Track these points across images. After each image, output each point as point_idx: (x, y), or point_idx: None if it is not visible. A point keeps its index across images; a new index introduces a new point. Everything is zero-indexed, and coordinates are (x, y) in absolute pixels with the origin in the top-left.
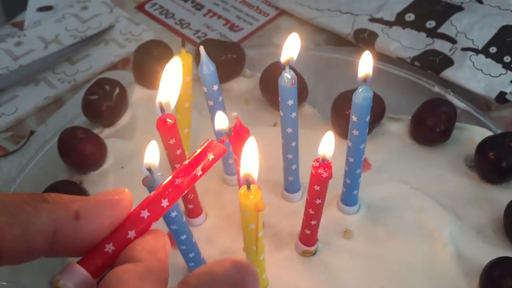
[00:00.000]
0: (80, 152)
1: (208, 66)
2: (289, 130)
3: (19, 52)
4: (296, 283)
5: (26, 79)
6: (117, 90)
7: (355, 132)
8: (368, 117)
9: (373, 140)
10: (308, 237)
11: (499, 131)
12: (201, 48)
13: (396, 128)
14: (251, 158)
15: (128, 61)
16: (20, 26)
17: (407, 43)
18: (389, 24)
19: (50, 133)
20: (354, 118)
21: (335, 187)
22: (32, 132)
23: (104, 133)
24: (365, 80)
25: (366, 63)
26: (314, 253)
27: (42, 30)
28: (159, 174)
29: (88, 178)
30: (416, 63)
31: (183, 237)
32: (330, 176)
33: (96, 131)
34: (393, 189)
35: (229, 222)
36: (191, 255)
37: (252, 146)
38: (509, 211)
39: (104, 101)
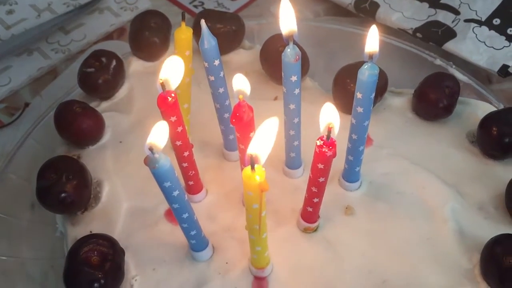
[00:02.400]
0: (77, 127)
1: (209, 41)
2: (292, 106)
3: (11, 21)
4: (298, 260)
5: (19, 49)
6: (114, 63)
7: (360, 109)
8: (373, 94)
9: (374, 115)
10: (310, 214)
11: (501, 105)
12: (202, 21)
13: (398, 102)
14: (265, 139)
15: (124, 30)
16: None
17: (409, 13)
18: None
19: (45, 105)
20: (359, 95)
21: (336, 163)
22: (27, 104)
23: (101, 107)
24: (371, 57)
25: (373, 39)
26: (315, 230)
27: None
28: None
29: (86, 152)
30: (418, 34)
31: (185, 215)
32: (334, 155)
33: (93, 104)
34: (394, 165)
35: (229, 198)
36: (193, 232)
37: (273, 127)
38: (511, 188)
39: (101, 74)
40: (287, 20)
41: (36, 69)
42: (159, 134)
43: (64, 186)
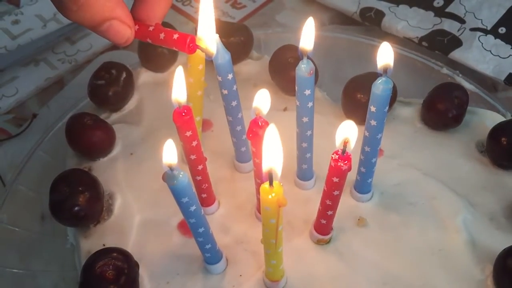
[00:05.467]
0: (89, 139)
1: (223, 56)
2: (305, 119)
3: (17, 31)
4: (312, 272)
5: (26, 59)
6: (123, 75)
7: (373, 123)
8: (387, 108)
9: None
10: (323, 226)
11: (508, 114)
12: (217, 37)
13: (407, 112)
14: (274, 151)
15: None
16: (16, 3)
17: (415, 22)
18: (396, 2)
19: (53, 115)
20: (372, 108)
21: (348, 175)
22: (35, 115)
23: (111, 118)
24: (385, 71)
25: (386, 53)
26: (328, 242)
27: (40, 7)
28: (182, 172)
29: (97, 164)
30: (424, 43)
31: (201, 230)
32: (349, 169)
33: (102, 116)
34: (405, 176)
35: (242, 210)
36: (208, 246)
37: (274, 136)
38: None
39: (111, 86)
40: (308, 37)
41: (43, 80)
42: (170, 152)
43: (77, 200)
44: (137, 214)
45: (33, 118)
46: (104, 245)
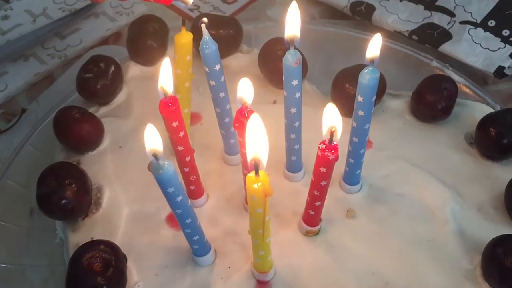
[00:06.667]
0: (77, 133)
1: (210, 46)
2: (293, 110)
3: (6, 27)
4: (300, 263)
5: (15, 54)
6: (112, 68)
7: (361, 113)
8: (374, 98)
9: (373, 117)
10: (312, 218)
11: (498, 106)
12: (203, 26)
13: (396, 104)
14: (259, 139)
15: (120, 35)
16: None
17: (405, 16)
18: None
19: (42, 110)
20: (360, 98)
21: (337, 166)
22: (24, 110)
23: (100, 112)
24: (372, 61)
25: (375, 45)
26: (317, 233)
27: (29, 3)
28: (167, 162)
29: (86, 158)
30: (414, 36)
31: (188, 220)
32: (336, 159)
33: (91, 110)
34: (394, 167)
35: (230, 202)
36: (196, 238)
37: (258, 124)
38: (510, 189)
39: (99, 80)
40: (292, 25)
41: (33, 75)
42: (154, 139)
43: (65, 193)
44: (125, 207)
45: (22, 113)
46: (92, 238)
